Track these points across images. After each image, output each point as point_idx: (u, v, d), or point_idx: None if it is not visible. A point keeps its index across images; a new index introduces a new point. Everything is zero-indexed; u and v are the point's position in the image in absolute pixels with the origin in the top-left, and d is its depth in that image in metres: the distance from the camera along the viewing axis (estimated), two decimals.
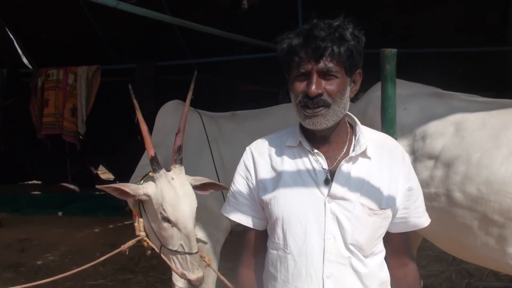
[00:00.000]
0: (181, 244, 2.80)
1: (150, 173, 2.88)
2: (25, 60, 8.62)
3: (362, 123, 1.84)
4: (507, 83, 7.26)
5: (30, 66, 8.40)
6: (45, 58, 8.19)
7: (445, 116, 2.73)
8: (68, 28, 7.79)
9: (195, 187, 2.89)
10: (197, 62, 7.76)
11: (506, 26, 7.08)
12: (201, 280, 2.87)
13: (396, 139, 2.34)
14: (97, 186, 2.74)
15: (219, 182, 3.41)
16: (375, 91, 3.02)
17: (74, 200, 8.88)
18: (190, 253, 2.79)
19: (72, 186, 9.51)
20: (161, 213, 2.73)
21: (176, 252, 2.83)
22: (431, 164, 2.67)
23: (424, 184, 2.63)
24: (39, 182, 10.39)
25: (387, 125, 2.41)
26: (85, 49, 7.85)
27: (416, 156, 2.76)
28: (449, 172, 2.56)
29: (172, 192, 2.74)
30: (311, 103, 1.65)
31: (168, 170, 2.86)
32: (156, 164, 2.77)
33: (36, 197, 9.46)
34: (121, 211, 8.00)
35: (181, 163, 2.85)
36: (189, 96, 3.01)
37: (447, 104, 2.82)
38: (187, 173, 3.06)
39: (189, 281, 2.88)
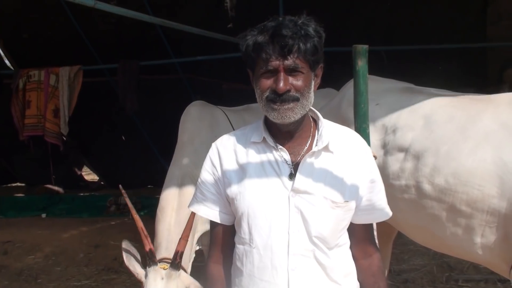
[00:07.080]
0: None
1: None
2: (7, 62, 8.55)
3: (336, 119, 1.88)
4: (487, 79, 7.34)
5: (12, 68, 8.33)
6: (27, 59, 8.13)
7: (415, 110, 2.78)
8: (50, 28, 7.75)
9: None
10: (180, 61, 7.74)
11: (485, 23, 7.18)
12: None
13: (368, 133, 2.39)
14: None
15: None
16: (349, 88, 3.05)
17: (58, 202, 8.83)
18: None
19: (56, 188, 9.46)
20: None
21: None
22: (402, 157, 2.71)
23: (395, 176, 2.69)
24: (23, 184, 10.33)
25: (360, 120, 2.43)
26: (68, 50, 7.79)
27: (387, 149, 2.80)
28: (419, 164, 2.60)
29: None
30: (279, 99, 1.68)
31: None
32: (150, 259, 2.76)
33: (20, 199, 9.40)
34: (106, 211, 8.01)
35: (177, 268, 2.77)
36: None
37: (417, 98, 2.86)
38: None
39: None
